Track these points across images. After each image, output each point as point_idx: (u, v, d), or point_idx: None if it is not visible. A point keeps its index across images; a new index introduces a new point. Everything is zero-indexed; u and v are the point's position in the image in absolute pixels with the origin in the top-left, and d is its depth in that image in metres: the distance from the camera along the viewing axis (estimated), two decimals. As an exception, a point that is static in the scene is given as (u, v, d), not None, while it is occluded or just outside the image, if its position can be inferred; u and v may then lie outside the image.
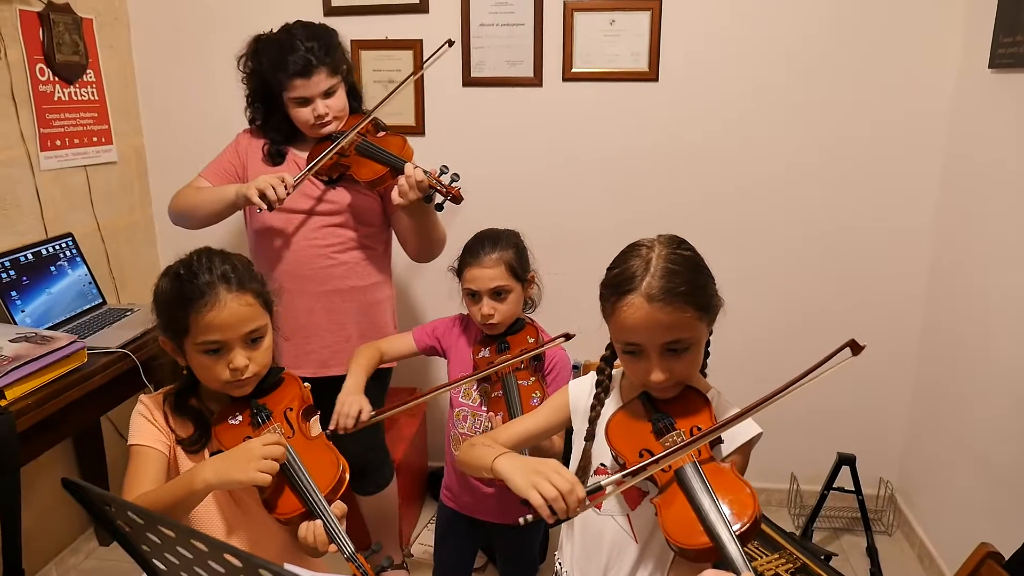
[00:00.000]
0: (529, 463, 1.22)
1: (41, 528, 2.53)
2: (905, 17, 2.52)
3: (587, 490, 1.16)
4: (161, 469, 1.39)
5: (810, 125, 2.66)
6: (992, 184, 2.30)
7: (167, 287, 1.39)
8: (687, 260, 1.22)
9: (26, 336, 1.97)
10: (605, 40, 2.65)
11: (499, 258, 1.85)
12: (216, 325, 1.34)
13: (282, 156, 2.20)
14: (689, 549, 1.10)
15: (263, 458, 1.27)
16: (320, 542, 1.29)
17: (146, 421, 1.42)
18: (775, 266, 2.80)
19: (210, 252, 1.42)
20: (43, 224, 2.45)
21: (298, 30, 2.11)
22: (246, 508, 1.44)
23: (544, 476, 1.16)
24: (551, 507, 1.13)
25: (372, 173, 2.10)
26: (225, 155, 2.26)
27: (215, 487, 1.28)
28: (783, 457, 2.90)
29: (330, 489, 1.34)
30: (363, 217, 2.21)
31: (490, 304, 1.85)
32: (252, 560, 0.72)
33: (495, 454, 1.28)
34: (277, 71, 2.07)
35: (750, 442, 1.25)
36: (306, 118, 2.12)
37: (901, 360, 2.80)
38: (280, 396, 1.47)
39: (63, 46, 2.49)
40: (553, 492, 1.13)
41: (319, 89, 2.09)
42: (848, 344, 1.08)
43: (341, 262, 2.20)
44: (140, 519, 0.83)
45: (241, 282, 1.38)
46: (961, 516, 2.41)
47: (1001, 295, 2.21)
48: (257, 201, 1.96)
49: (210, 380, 1.39)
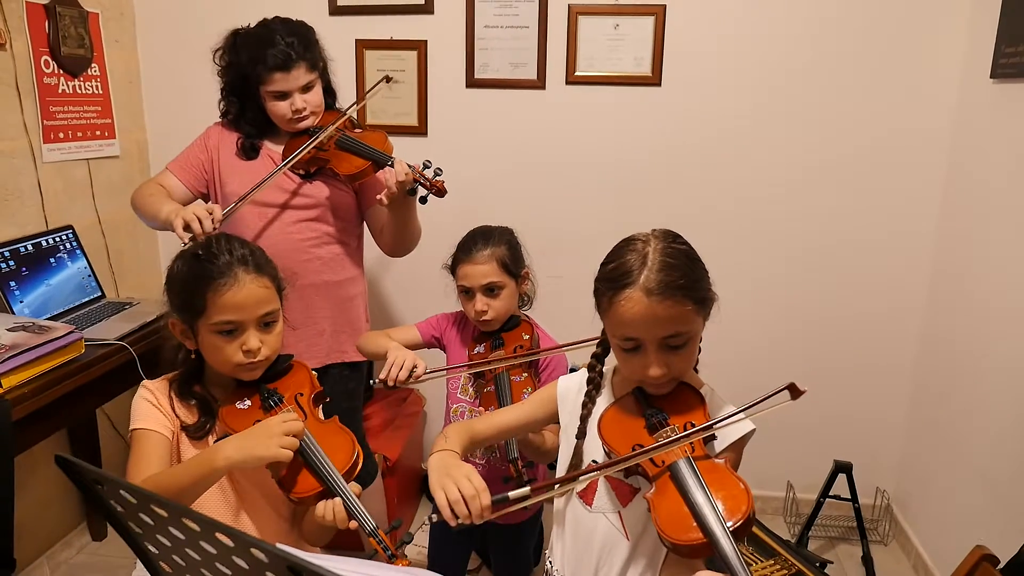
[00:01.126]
0: (447, 465, 1.24)
1: (34, 521, 2.52)
2: (907, 26, 2.53)
3: (494, 500, 1.19)
4: (165, 453, 1.39)
5: (812, 133, 2.66)
6: (993, 194, 2.30)
7: (184, 267, 1.41)
8: (683, 254, 1.22)
9: (24, 325, 1.97)
10: (609, 44, 2.66)
11: (491, 254, 1.85)
12: (234, 305, 1.36)
13: (256, 150, 2.20)
14: (682, 544, 1.09)
15: (284, 434, 1.28)
16: (340, 519, 1.30)
17: (150, 405, 1.41)
18: (775, 273, 2.80)
19: (228, 236, 1.45)
20: (44, 216, 2.45)
21: (277, 25, 2.11)
22: (245, 496, 1.44)
23: (453, 479, 1.19)
24: (453, 510, 1.17)
25: (354, 167, 2.10)
26: (193, 149, 2.25)
27: (237, 465, 1.28)
28: (779, 465, 2.89)
29: (347, 468, 1.35)
30: (338, 212, 2.21)
31: (483, 300, 1.85)
32: (244, 538, 0.72)
33: (438, 448, 1.32)
34: (256, 64, 2.07)
35: (743, 439, 1.25)
36: (283, 112, 2.12)
37: (899, 370, 2.80)
38: (290, 382, 1.49)
39: (68, 39, 2.50)
40: (456, 495, 1.18)
41: (298, 83, 2.09)
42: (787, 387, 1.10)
43: (316, 256, 2.19)
44: (133, 498, 0.83)
45: (259, 265, 1.41)
46: (957, 526, 2.40)
47: (1000, 306, 2.21)
48: (180, 233, 1.88)
49: (221, 363, 1.40)
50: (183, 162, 2.23)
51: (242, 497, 1.44)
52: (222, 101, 2.24)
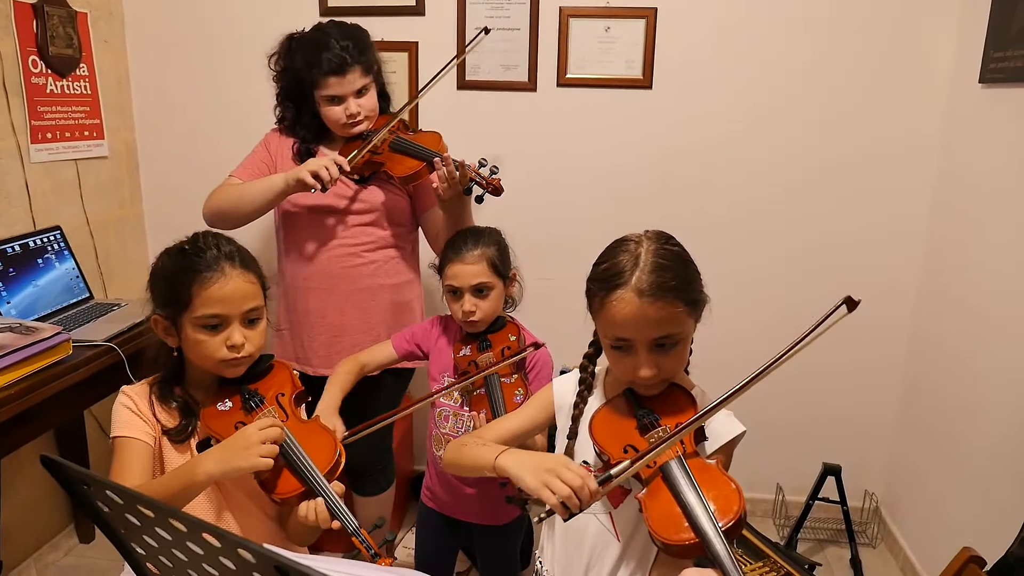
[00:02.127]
0: (537, 460, 1.20)
1: (21, 523, 2.50)
2: (897, 31, 2.54)
3: (599, 480, 1.14)
4: (148, 461, 1.38)
5: (802, 137, 2.67)
6: (983, 198, 2.31)
7: (169, 262, 1.42)
8: (676, 255, 1.23)
9: (10, 326, 1.95)
10: (600, 46, 2.66)
11: (481, 255, 1.85)
12: (219, 298, 1.36)
13: (311, 155, 2.19)
14: (673, 545, 1.09)
15: (261, 442, 1.27)
16: (322, 519, 1.30)
17: (130, 412, 1.41)
18: (764, 275, 2.80)
19: (215, 233, 1.46)
20: (31, 216, 2.43)
21: (333, 29, 2.11)
22: (230, 496, 1.43)
23: (555, 473, 1.14)
24: (565, 503, 1.12)
25: (408, 168, 2.10)
26: (256, 154, 2.25)
27: (217, 477, 1.28)
28: (769, 467, 2.90)
29: (328, 468, 1.35)
30: (393, 216, 2.22)
31: (471, 301, 1.84)
32: (231, 538, 0.71)
33: (496, 452, 1.27)
34: (311, 68, 2.07)
35: (733, 441, 1.25)
36: (338, 117, 2.12)
37: (889, 372, 2.81)
38: (271, 382, 1.48)
39: (56, 39, 2.48)
40: (566, 491, 1.12)
41: (352, 88, 2.09)
42: (844, 301, 1.08)
43: (371, 260, 2.20)
44: (119, 498, 0.82)
45: (245, 261, 1.42)
46: (946, 529, 2.41)
47: (990, 309, 2.22)
48: (312, 182, 1.96)
49: (204, 358, 1.40)
50: (249, 167, 2.22)
51: (227, 497, 1.43)
52: (277, 107, 2.25)
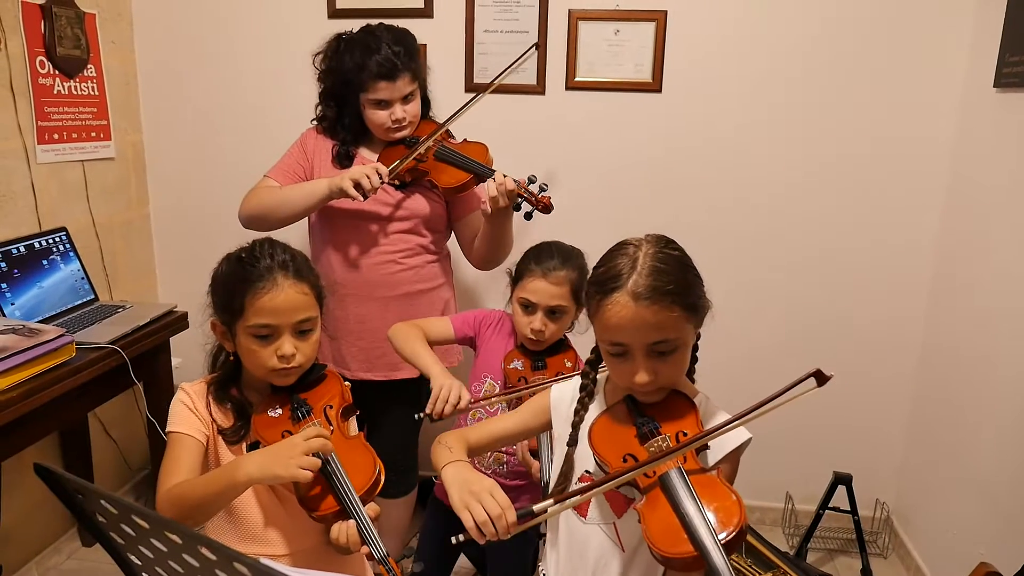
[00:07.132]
0: (468, 481, 1.21)
1: (23, 526, 2.49)
2: (910, 34, 2.52)
3: (519, 514, 1.16)
4: (197, 458, 1.39)
5: (814, 140, 2.64)
6: (995, 203, 2.28)
7: (227, 269, 1.43)
8: (675, 259, 1.20)
9: (14, 328, 1.94)
10: (609, 50, 2.64)
11: (565, 277, 1.79)
12: (270, 309, 1.37)
13: (351, 158, 2.18)
14: (673, 558, 1.06)
15: (305, 453, 1.26)
16: (352, 542, 1.29)
17: (186, 409, 1.42)
18: (775, 280, 2.77)
19: (272, 241, 1.46)
20: (37, 217, 2.43)
21: (383, 32, 2.10)
22: (285, 500, 1.44)
23: (477, 498, 1.16)
24: (481, 529, 1.14)
25: (455, 179, 2.09)
26: (292, 154, 2.24)
27: (257, 481, 1.28)
28: (778, 475, 2.87)
29: (366, 490, 1.34)
30: (430, 223, 2.21)
31: (543, 320, 1.79)
32: (226, 552, 0.70)
33: (448, 459, 1.28)
34: (360, 71, 2.06)
35: (739, 448, 1.22)
36: (382, 121, 2.11)
37: (900, 379, 2.77)
38: (321, 392, 1.48)
39: (64, 40, 2.48)
40: (483, 516, 1.14)
41: (400, 93, 2.09)
42: (814, 373, 1.05)
43: (410, 267, 2.20)
44: (114, 509, 0.80)
45: (299, 272, 1.41)
46: (958, 540, 2.38)
47: (1003, 316, 2.19)
48: (353, 192, 1.96)
49: (256, 367, 1.41)
50: (284, 168, 2.21)
51: (283, 500, 1.44)
52: (319, 106, 2.23)
